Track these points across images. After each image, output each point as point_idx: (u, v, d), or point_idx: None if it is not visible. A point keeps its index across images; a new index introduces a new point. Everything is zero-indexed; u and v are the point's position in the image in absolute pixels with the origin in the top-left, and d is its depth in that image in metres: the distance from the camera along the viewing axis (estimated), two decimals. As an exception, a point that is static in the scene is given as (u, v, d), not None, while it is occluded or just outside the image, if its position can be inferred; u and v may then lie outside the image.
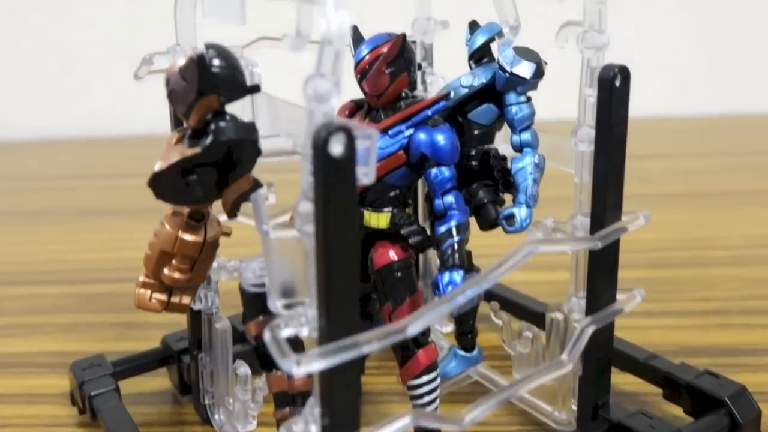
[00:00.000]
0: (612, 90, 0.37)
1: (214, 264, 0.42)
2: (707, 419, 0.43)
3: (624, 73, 0.37)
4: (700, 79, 1.24)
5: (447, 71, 0.51)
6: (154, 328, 0.54)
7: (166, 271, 0.39)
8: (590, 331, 0.40)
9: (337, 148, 0.28)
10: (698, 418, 0.44)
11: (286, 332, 0.32)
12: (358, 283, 0.31)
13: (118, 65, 1.19)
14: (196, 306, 0.44)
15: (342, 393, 0.32)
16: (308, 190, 0.30)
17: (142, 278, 0.40)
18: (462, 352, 0.50)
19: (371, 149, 0.30)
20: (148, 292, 0.40)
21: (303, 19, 0.30)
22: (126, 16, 1.17)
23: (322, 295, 0.31)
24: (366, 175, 0.30)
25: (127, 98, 1.13)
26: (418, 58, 0.49)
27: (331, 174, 0.28)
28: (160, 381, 0.51)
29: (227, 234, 0.41)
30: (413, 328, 0.33)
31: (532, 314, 0.54)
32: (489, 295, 0.56)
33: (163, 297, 0.40)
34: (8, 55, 1.20)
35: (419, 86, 0.50)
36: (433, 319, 0.34)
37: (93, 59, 1.20)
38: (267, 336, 0.31)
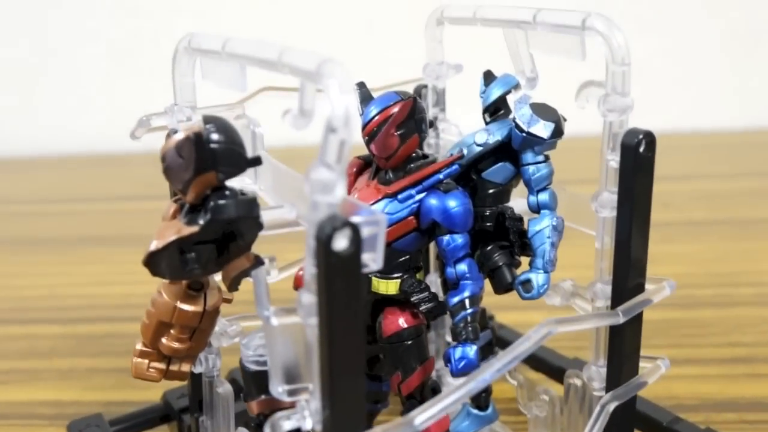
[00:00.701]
0: (636, 156, 0.35)
1: (216, 329, 0.40)
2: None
3: (649, 138, 0.35)
4: (727, 92, 1.20)
5: (459, 111, 0.49)
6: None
7: (164, 341, 0.38)
8: (611, 408, 0.37)
9: (341, 243, 0.26)
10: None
11: (289, 425, 0.30)
12: (363, 376, 0.29)
13: (120, 81, 1.19)
14: (197, 369, 0.42)
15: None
16: (311, 282, 0.28)
17: (139, 347, 0.39)
18: (476, 411, 0.48)
19: (378, 235, 0.28)
20: (146, 361, 0.38)
21: (306, 97, 0.28)
22: (128, 31, 1.16)
23: (326, 387, 0.29)
24: (374, 260, 0.29)
25: (127, 115, 1.12)
26: (430, 103, 0.47)
27: (336, 269, 0.27)
28: (160, 438, 0.50)
29: (228, 301, 0.39)
30: (421, 420, 0.31)
31: (549, 367, 0.52)
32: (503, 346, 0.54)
33: (161, 366, 0.39)
34: (7, 69, 1.19)
35: (431, 132, 0.48)
36: (445, 411, 0.32)
37: (94, 75, 1.18)
38: (268, 430, 0.30)
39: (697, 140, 1.18)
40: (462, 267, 0.38)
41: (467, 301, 0.37)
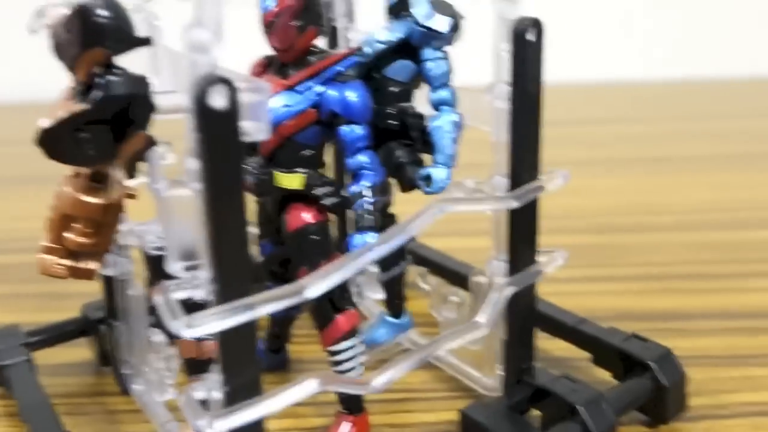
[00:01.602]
0: (526, 45, 0.36)
1: (124, 228, 0.40)
2: (631, 382, 0.43)
3: (537, 26, 0.36)
4: (660, 43, 1.24)
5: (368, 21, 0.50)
6: (77, 298, 0.52)
7: (69, 235, 0.38)
8: (509, 292, 0.39)
9: (218, 100, 0.27)
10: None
11: (179, 294, 0.31)
12: (248, 242, 0.30)
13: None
14: (108, 272, 0.43)
15: (240, 357, 0.31)
16: (195, 146, 0.28)
17: (45, 243, 0.39)
18: (391, 319, 0.49)
19: (262, 103, 0.29)
20: (53, 257, 0.39)
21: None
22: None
23: (212, 255, 0.29)
24: (260, 130, 0.29)
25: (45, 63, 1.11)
26: (339, 12, 0.47)
27: (213, 128, 0.27)
28: (82, 352, 0.50)
29: (133, 196, 0.39)
30: (312, 291, 0.32)
31: (462, 278, 0.54)
32: (418, 260, 0.55)
33: (67, 262, 0.39)
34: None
35: (341, 44, 0.48)
36: (336, 280, 0.32)
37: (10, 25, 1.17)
38: (158, 298, 0.30)
39: (632, 90, 1.20)
40: (362, 158, 0.38)
41: (367, 190, 0.38)
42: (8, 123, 1.10)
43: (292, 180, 0.39)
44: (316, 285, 0.32)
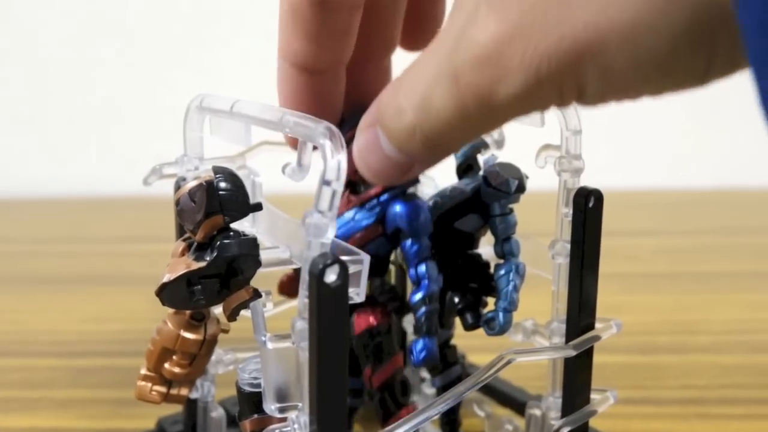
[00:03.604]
0: (586, 211, 0.40)
1: (213, 357, 0.45)
2: None
3: (597, 195, 0.40)
4: (692, 153, 1.27)
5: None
6: (148, 405, 0.56)
7: (166, 365, 0.42)
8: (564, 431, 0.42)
9: (331, 277, 0.31)
10: None
11: (281, 437, 0.34)
12: (347, 393, 0.34)
13: (114, 129, 1.25)
14: (193, 395, 0.46)
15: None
16: (303, 310, 0.33)
17: (143, 371, 0.43)
18: (447, 441, 0.52)
19: (362, 272, 0.33)
20: (149, 384, 0.43)
21: (304, 154, 0.33)
22: (122, 78, 1.22)
23: (315, 403, 0.33)
24: (357, 294, 0.33)
25: (120, 158, 1.17)
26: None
27: (326, 300, 0.31)
28: (156, 462, 0.53)
29: (226, 331, 0.43)
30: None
31: (515, 403, 0.57)
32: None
33: (162, 389, 0.43)
34: (7, 112, 1.24)
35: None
36: (416, 427, 0.36)
37: (90, 119, 1.24)
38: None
39: (665, 198, 1.24)
40: (422, 268, 0.42)
41: (427, 299, 0.42)
42: (81, 221, 1.16)
43: None
44: None
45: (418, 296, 0.42)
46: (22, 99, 1.25)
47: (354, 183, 0.43)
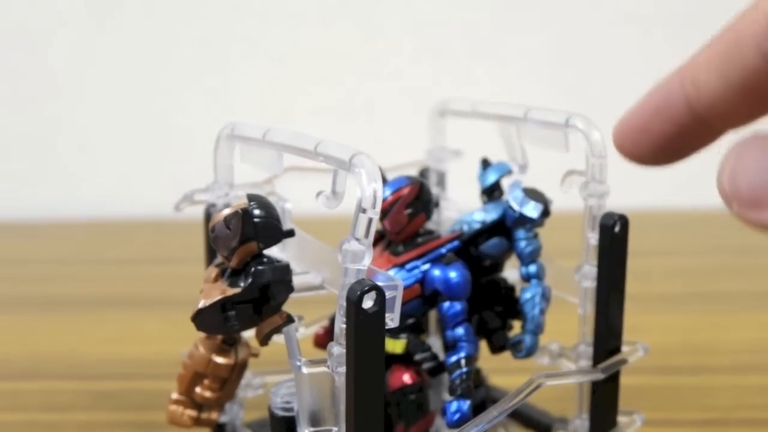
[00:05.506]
0: (612, 236, 0.40)
1: (242, 381, 0.45)
2: None
3: (623, 220, 0.41)
4: (704, 172, 1.27)
5: (458, 191, 0.55)
6: (170, 428, 0.56)
7: (198, 389, 0.43)
8: (592, 455, 0.42)
9: (368, 303, 0.32)
10: None
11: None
12: (383, 418, 0.34)
13: (129, 150, 1.26)
14: (222, 419, 0.47)
15: None
16: (340, 336, 0.33)
17: (174, 396, 0.43)
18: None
19: (396, 297, 0.34)
20: (180, 408, 0.43)
21: (339, 182, 0.34)
22: (137, 100, 1.23)
23: (352, 427, 0.34)
24: (392, 320, 0.34)
25: (135, 181, 1.18)
26: (432, 183, 0.53)
27: (363, 325, 0.32)
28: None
29: (256, 355, 0.44)
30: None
31: (540, 425, 0.57)
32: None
33: (194, 413, 0.43)
34: (20, 136, 1.26)
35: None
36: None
37: (103, 141, 1.25)
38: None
39: (677, 218, 1.25)
40: (459, 330, 0.43)
41: (463, 361, 0.42)
42: (96, 243, 1.16)
43: (395, 345, 0.44)
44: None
45: (454, 358, 0.43)
46: (35, 123, 1.26)
47: (392, 241, 0.44)
